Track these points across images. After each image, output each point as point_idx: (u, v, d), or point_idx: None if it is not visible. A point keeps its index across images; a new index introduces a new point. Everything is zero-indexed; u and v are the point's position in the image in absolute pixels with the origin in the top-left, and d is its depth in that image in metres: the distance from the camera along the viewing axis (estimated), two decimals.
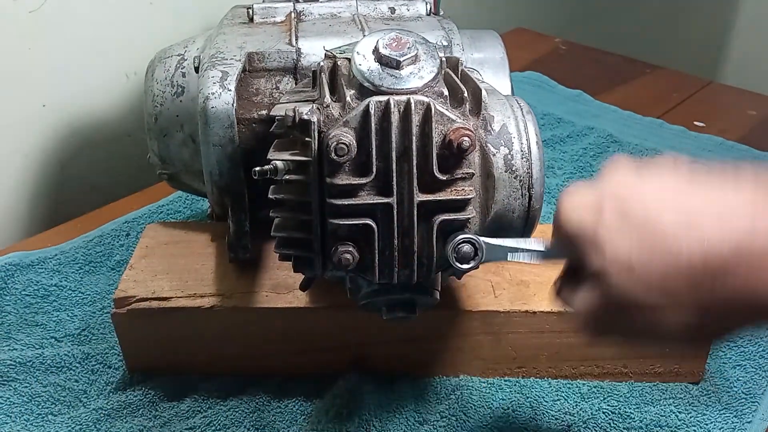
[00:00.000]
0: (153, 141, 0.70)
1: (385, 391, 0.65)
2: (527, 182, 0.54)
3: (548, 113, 1.09)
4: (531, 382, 0.66)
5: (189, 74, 0.69)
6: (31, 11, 0.87)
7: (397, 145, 0.51)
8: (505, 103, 0.56)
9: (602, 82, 1.21)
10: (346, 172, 0.51)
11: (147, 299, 0.64)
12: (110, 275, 0.79)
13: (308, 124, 0.51)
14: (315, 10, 0.72)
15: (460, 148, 0.50)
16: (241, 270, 0.67)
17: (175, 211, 0.89)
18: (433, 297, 0.56)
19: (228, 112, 0.61)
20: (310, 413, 0.64)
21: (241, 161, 0.63)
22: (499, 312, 0.64)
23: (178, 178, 0.73)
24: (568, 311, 0.63)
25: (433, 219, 0.52)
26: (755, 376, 0.67)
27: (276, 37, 0.68)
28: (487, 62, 0.70)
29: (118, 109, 0.98)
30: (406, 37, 0.53)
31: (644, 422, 0.62)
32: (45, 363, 0.68)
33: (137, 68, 0.97)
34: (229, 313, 0.64)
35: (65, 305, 0.75)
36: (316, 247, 0.53)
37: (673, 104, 1.16)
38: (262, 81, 0.66)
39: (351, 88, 0.52)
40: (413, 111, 0.50)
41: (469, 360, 0.66)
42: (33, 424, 0.63)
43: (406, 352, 0.66)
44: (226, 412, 0.63)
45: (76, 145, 0.96)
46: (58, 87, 0.92)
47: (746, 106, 1.15)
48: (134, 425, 0.62)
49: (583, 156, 1.00)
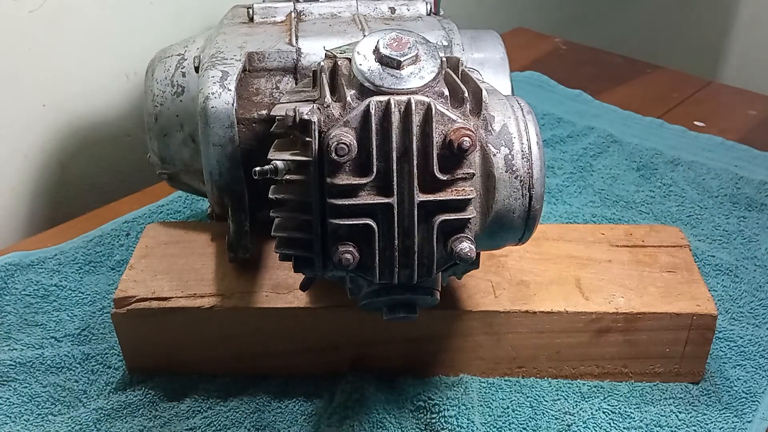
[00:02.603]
0: (153, 141, 0.70)
1: (385, 391, 0.65)
2: (528, 182, 0.54)
3: (548, 113, 1.09)
4: (531, 382, 0.66)
5: (189, 74, 0.69)
6: (31, 11, 0.87)
7: (397, 145, 0.51)
8: (506, 103, 0.56)
9: (602, 82, 1.21)
10: (346, 172, 0.51)
11: (147, 299, 0.64)
12: (110, 275, 0.79)
13: (308, 124, 0.51)
14: (315, 9, 0.72)
15: (461, 148, 0.50)
16: (241, 270, 0.67)
17: (175, 211, 0.89)
18: (433, 297, 0.56)
19: (228, 112, 0.61)
20: (310, 413, 0.64)
21: (241, 161, 0.63)
22: (499, 312, 0.64)
23: (178, 178, 0.73)
24: (568, 311, 0.63)
25: (433, 219, 0.52)
26: (755, 376, 0.67)
27: (276, 36, 0.68)
28: (487, 62, 0.70)
29: (118, 109, 0.98)
30: (407, 37, 0.53)
31: (644, 422, 0.62)
32: (45, 363, 0.68)
33: (137, 68, 0.97)
34: (229, 313, 0.64)
35: (65, 305, 0.75)
36: (317, 247, 0.53)
37: (673, 104, 1.16)
38: (262, 81, 0.66)
39: (351, 88, 0.52)
40: (414, 111, 0.50)
41: (469, 360, 0.66)
42: (33, 424, 0.63)
43: (406, 352, 0.66)
44: (226, 413, 0.63)
45: (76, 145, 0.96)
46: (58, 87, 0.92)
47: (746, 106, 1.15)
48: (134, 425, 0.62)
49: (583, 156, 1.00)
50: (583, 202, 0.91)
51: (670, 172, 0.97)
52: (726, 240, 0.84)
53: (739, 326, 0.72)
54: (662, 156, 1.00)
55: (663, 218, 0.88)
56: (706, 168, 0.97)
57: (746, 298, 0.76)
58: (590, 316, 0.64)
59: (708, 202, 0.91)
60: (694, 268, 0.68)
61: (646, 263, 0.68)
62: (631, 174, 0.96)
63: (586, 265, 0.68)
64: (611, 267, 0.68)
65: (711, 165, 0.98)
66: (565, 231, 0.72)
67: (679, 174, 0.96)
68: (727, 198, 0.92)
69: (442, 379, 0.66)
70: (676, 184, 0.94)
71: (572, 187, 0.94)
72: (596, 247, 0.70)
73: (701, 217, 0.88)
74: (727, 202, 0.91)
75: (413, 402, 0.64)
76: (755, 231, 0.86)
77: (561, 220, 0.88)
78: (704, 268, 0.79)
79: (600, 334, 0.64)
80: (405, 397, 0.64)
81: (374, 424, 0.62)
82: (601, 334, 0.64)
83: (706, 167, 0.97)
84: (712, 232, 0.85)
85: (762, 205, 0.90)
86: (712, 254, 0.81)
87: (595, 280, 0.66)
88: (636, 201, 0.91)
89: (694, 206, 0.90)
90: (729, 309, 0.74)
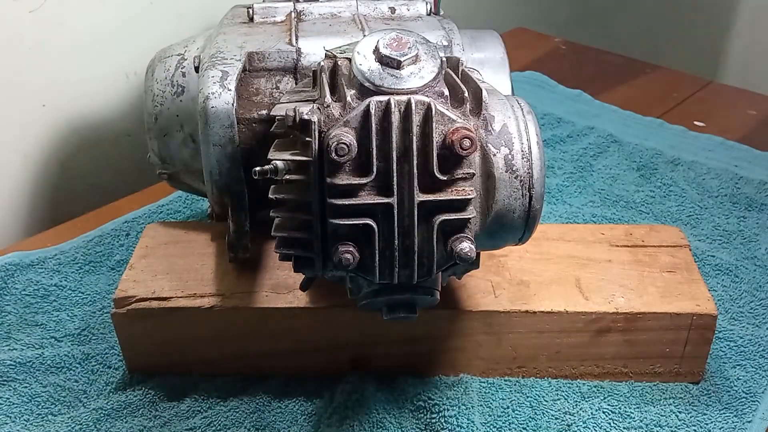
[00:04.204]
0: (153, 141, 0.70)
1: (386, 391, 0.65)
2: (528, 182, 0.54)
3: (548, 113, 1.09)
4: (531, 381, 0.66)
5: (189, 74, 0.69)
6: (31, 11, 0.87)
7: (397, 145, 0.51)
8: (506, 103, 0.56)
9: (602, 82, 1.21)
10: (346, 172, 0.51)
11: (147, 299, 0.64)
12: (110, 275, 0.79)
13: (308, 123, 0.51)
14: (315, 9, 0.72)
15: (461, 148, 0.50)
16: (241, 270, 0.67)
17: (175, 211, 0.89)
18: (433, 297, 0.56)
19: (228, 112, 0.61)
20: (310, 413, 0.64)
21: (241, 161, 0.63)
22: (499, 312, 0.64)
23: (178, 178, 0.73)
24: (568, 311, 0.63)
25: (433, 219, 0.52)
26: (755, 376, 0.67)
27: (276, 36, 0.68)
28: (487, 62, 0.70)
29: (118, 109, 0.98)
30: (407, 37, 0.53)
31: (644, 422, 0.62)
32: (45, 363, 0.68)
33: (137, 68, 0.97)
34: (229, 313, 0.64)
35: (65, 305, 0.75)
36: (317, 247, 0.53)
37: (673, 104, 1.16)
38: (262, 81, 0.66)
39: (351, 88, 0.52)
40: (414, 111, 0.50)
41: (469, 360, 0.66)
42: (33, 424, 0.63)
43: (406, 352, 0.66)
44: (227, 413, 0.63)
45: (76, 145, 0.96)
46: (58, 87, 0.92)
47: (746, 106, 1.15)
48: (134, 425, 0.62)
49: (583, 156, 1.00)
50: (583, 202, 0.91)
51: (670, 172, 0.97)
52: (726, 240, 0.84)
53: (739, 326, 0.72)
54: (662, 156, 1.00)
55: (663, 218, 0.88)
56: (706, 168, 0.97)
57: (746, 298, 0.76)
58: (590, 316, 0.64)
59: (708, 202, 0.91)
60: (694, 268, 0.68)
61: (646, 263, 0.68)
62: (631, 174, 0.96)
63: (586, 265, 0.68)
64: (611, 267, 0.68)
65: (711, 165, 0.98)
66: (565, 231, 0.72)
67: (679, 174, 0.96)
68: (727, 198, 0.91)
69: (442, 379, 0.66)
70: (676, 184, 0.94)
71: (572, 187, 0.94)
72: (596, 247, 0.70)
73: (701, 217, 0.88)
74: (727, 202, 0.91)
75: (413, 402, 0.64)
76: (755, 231, 0.86)
77: (561, 220, 0.88)
78: (704, 268, 0.79)
79: (600, 334, 0.64)
80: (405, 397, 0.64)
81: (374, 424, 0.62)
82: (601, 334, 0.64)
83: (706, 167, 0.97)
84: (712, 232, 0.85)
85: (762, 205, 0.90)
86: (712, 254, 0.81)
87: (595, 280, 0.66)
88: (636, 201, 0.91)
89: (694, 206, 0.90)
90: (729, 309, 0.74)
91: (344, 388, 0.64)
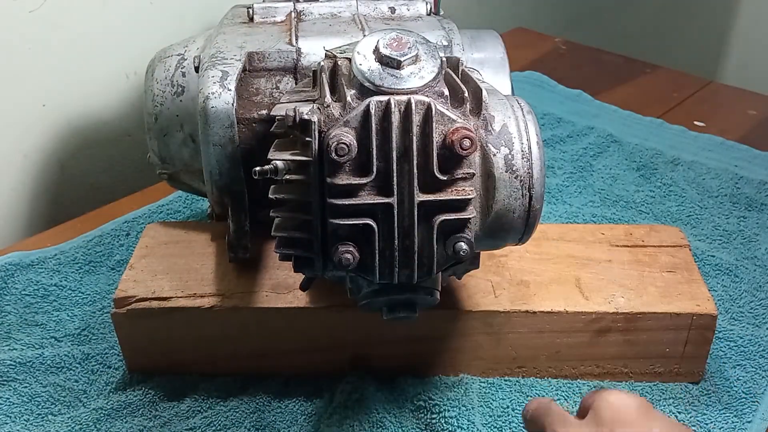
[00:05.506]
0: (153, 141, 0.70)
1: (386, 391, 0.65)
2: (528, 182, 0.54)
3: (548, 113, 1.09)
4: (531, 382, 0.66)
5: (189, 74, 0.69)
6: (31, 11, 0.87)
7: (397, 145, 0.51)
8: (506, 103, 0.56)
9: (602, 82, 1.21)
10: (346, 172, 0.51)
11: (147, 299, 0.64)
12: (110, 275, 0.79)
13: (308, 123, 0.51)
14: (315, 9, 0.72)
15: (461, 148, 0.50)
16: (241, 270, 0.67)
17: (175, 211, 0.89)
18: (433, 297, 0.56)
19: (228, 112, 0.61)
20: (310, 413, 0.64)
21: (241, 161, 0.63)
22: (499, 312, 0.64)
23: (178, 178, 0.73)
24: (568, 311, 0.63)
25: (433, 219, 0.52)
26: (755, 376, 0.67)
27: (276, 36, 0.68)
28: (487, 62, 0.70)
29: (118, 109, 0.98)
30: (407, 37, 0.53)
31: None
32: (45, 363, 0.68)
33: (137, 68, 0.97)
34: (229, 313, 0.64)
35: (65, 305, 0.75)
36: (317, 247, 0.53)
37: (673, 104, 1.16)
38: (262, 81, 0.66)
39: (351, 88, 0.52)
40: (414, 111, 0.50)
41: (469, 360, 0.66)
42: (33, 424, 0.63)
43: (406, 352, 0.66)
44: (227, 413, 0.63)
45: (76, 145, 0.96)
46: (58, 87, 0.92)
47: (746, 106, 1.15)
48: (134, 425, 0.62)
49: (583, 156, 1.00)
50: (583, 202, 0.91)
51: (670, 172, 0.97)
52: (726, 240, 0.84)
53: (739, 326, 0.72)
54: (662, 156, 1.00)
55: (663, 218, 0.88)
56: (706, 168, 0.97)
57: (746, 298, 0.76)
58: (590, 316, 0.64)
59: (708, 202, 0.91)
60: (694, 268, 0.68)
61: (646, 263, 0.68)
62: (631, 174, 0.96)
63: (586, 265, 0.68)
64: (611, 267, 0.68)
65: (711, 165, 0.98)
66: (565, 231, 0.72)
67: (679, 174, 0.96)
68: (727, 198, 0.91)
69: (442, 379, 0.66)
70: (676, 184, 0.94)
71: (572, 187, 0.94)
72: (596, 247, 0.70)
73: (701, 217, 0.88)
74: (727, 202, 0.91)
75: (413, 402, 0.64)
76: (755, 231, 0.86)
77: (561, 220, 0.88)
78: (704, 268, 0.79)
79: (600, 334, 0.64)
80: (405, 397, 0.64)
81: (374, 424, 0.62)
82: (601, 334, 0.64)
83: (706, 167, 0.97)
84: (712, 232, 0.85)
85: (762, 205, 0.90)
86: (712, 254, 0.81)
87: (595, 280, 0.66)
88: (636, 201, 0.91)
89: (694, 206, 0.90)
90: (729, 309, 0.74)
91: (344, 388, 0.64)
